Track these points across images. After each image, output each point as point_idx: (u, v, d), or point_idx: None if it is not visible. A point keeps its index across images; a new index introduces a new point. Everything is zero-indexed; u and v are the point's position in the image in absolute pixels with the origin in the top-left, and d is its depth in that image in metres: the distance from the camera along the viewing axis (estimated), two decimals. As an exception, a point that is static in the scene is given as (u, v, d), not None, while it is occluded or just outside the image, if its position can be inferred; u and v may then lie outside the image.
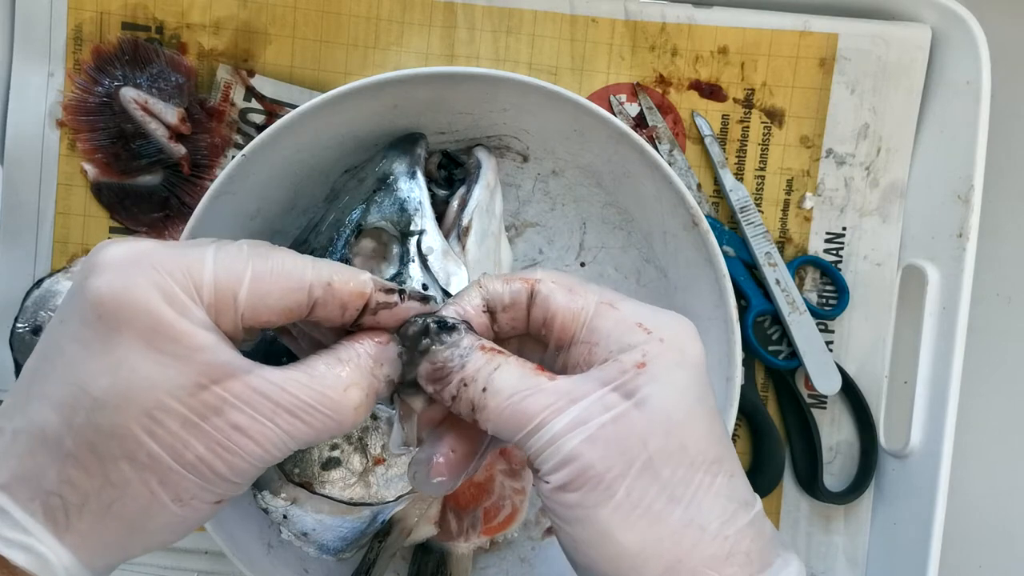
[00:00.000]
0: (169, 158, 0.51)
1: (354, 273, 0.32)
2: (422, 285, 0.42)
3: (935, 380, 0.51)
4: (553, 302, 0.33)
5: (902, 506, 0.52)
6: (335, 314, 0.32)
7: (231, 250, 0.31)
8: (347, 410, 0.31)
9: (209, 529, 0.45)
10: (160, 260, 0.30)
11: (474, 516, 0.49)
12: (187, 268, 0.30)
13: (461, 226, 0.44)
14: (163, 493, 0.30)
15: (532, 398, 0.31)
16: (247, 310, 0.31)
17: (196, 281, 0.30)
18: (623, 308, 0.33)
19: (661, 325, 0.32)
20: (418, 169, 0.44)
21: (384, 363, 0.33)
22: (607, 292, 0.33)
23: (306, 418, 0.31)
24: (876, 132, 0.53)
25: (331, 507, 0.43)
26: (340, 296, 0.32)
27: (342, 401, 0.31)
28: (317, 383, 0.31)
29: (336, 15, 0.51)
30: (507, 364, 0.32)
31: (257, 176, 0.45)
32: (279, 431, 0.30)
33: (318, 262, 0.32)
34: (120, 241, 0.31)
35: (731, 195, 0.52)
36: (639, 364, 0.31)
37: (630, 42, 0.52)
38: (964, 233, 0.50)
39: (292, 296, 0.31)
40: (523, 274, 0.34)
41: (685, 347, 0.32)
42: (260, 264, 0.31)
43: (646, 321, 0.32)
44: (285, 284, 0.31)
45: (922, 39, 0.52)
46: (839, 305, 0.53)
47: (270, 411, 0.30)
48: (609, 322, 0.32)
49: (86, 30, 0.51)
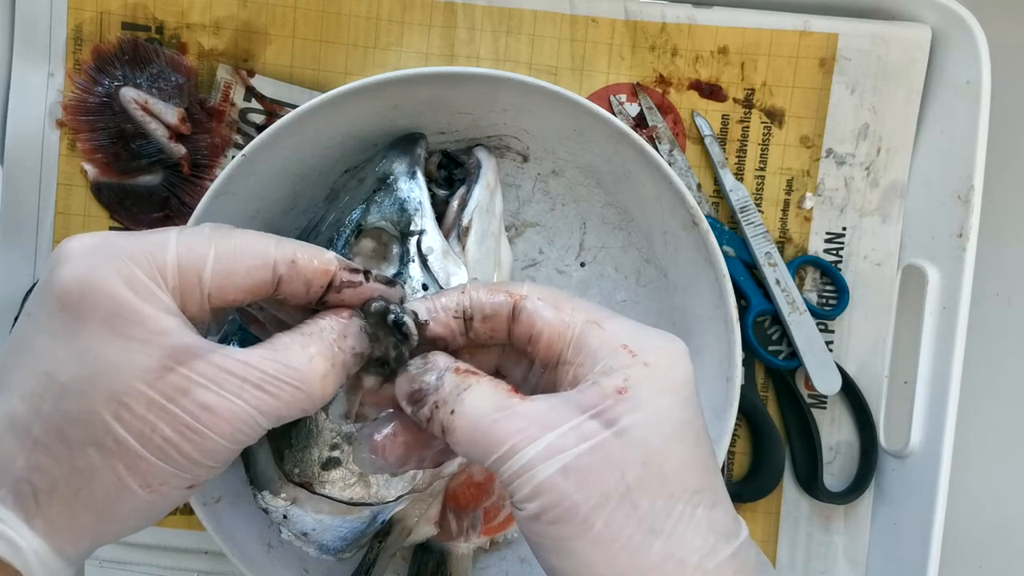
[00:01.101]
0: (169, 158, 0.51)
1: (318, 251, 0.33)
2: (422, 285, 0.42)
3: (935, 380, 0.51)
4: (539, 319, 0.32)
5: (902, 506, 0.52)
6: (300, 291, 0.32)
7: (193, 232, 0.31)
8: (313, 379, 0.31)
9: (209, 529, 0.45)
10: (122, 247, 0.30)
11: (474, 516, 0.49)
12: (150, 253, 0.30)
13: (461, 226, 0.44)
14: (130, 479, 0.30)
15: (503, 422, 0.30)
16: (213, 289, 0.31)
17: (159, 265, 0.30)
18: (609, 327, 0.32)
19: (648, 347, 0.31)
20: (418, 169, 0.44)
21: (348, 336, 0.33)
22: (596, 310, 0.33)
23: (273, 391, 0.30)
24: (876, 132, 0.53)
25: (331, 507, 0.43)
26: (304, 273, 0.32)
27: (307, 371, 0.31)
28: (281, 356, 0.31)
29: (336, 15, 0.51)
30: (478, 386, 0.31)
31: (257, 176, 0.45)
32: (247, 407, 0.30)
33: (282, 240, 0.32)
34: (85, 234, 0.31)
35: (731, 195, 0.52)
36: (620, 390, 0.30)
37: (630, 42, 0.52)
38: (964, 233, 0.50)
39: (257, 273, 0.31)
40: (511, 287, 0.33)
41: (672, 370, 0.31)
42: (223, 244, 0.31)
43: (632, 342, 0.31)
44: (250, 262, 0.31)
45: (922, 39, 0.52)
46: (839, 305, 0.53)
47: (236, 387, 0.30)
48: (595, 341, 0.31)
49: (86, 30, 0.51)
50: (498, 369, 0.36)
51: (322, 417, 0.41)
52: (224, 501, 0.46)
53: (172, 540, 0.53)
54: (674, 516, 0.29)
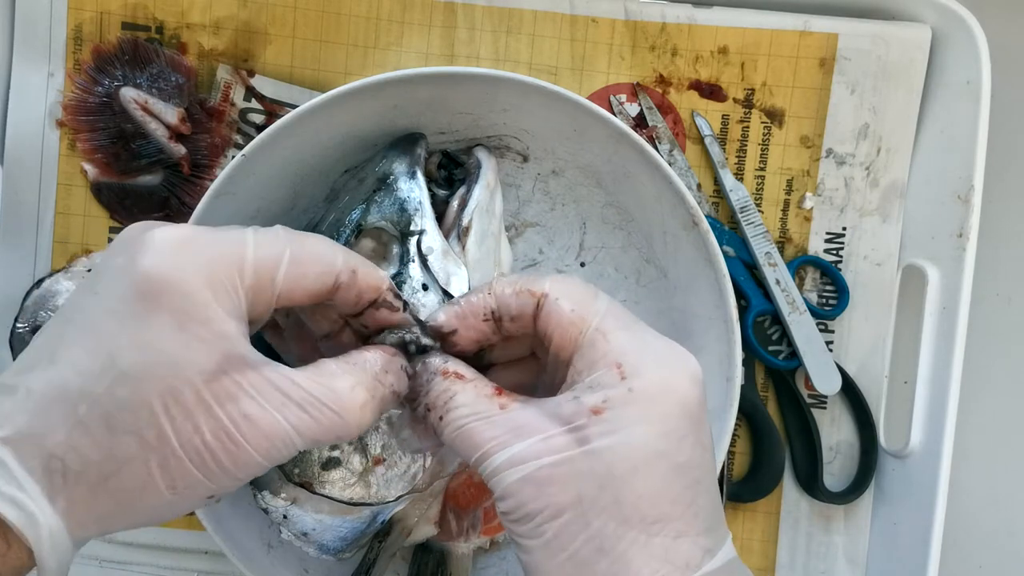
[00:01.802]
0: (169, 158, 0.51)
1: (374, 268, 0.35)
2: (422, 285, 0.42)
3: (935, 380, 0.51)
4: (553, 321, 0.33)
5: (902, 506, 0.52)
6: (350, 301, 0.34)
7: (269, 235, 0.32)
8: (353, 408, 0.32)
9: (209, 529, 0.45)
10: (206, 245, 0.31)
11: (474, 516, 0.49)
12: (231, 252, 0.31)
13: (461, 226, 0.44)
14: (160, 477, 0.30)
15: (478, 428, 0.32)
16: (284, 291, 0.32)
17: (239, 264, 0.31)
18: (613, 341, 0.32)
19: (643, 368, 0.31)
20: (418, 169, 0.44)
21: (390, 372, 0.34)
22: (611, 316, 0.33)
23: (314, 413, 0.31)
24: (876, 132, 0.53)
25: (331, 507, 0.43)
26: (360, 285, 0.34)
27: (348, 399, 0.32)
28: (327, 380, 0.32)
29: (336, 15, 0.51)
30: (463, 391, 0.33)
31: (257, 176, 0.45)
32: (286, 424, 0.31)
33: (346, 250, 0.34)
34: (165, 225, 0.32)
35: (731, 195, 0.52)
36: (596, 410, 0.31)
37: (630, 42, 0.52)
38: (964, 233, 0.50)
39: (324, 279, 0.33)
40: (536, 283, 0.34)
41: (660, 399, 0.31)
42: (297, 247, 0.32)
43: (629, 361, 0.31)
44: (320, 268, 0.33)
45: (922, 39, 0.52)
46: (839, 305, 0.53)
47: (280, 402, 0.31)
48: (595, 353, 0.32)
49: (86, 30, 0.51)
50: (533, 351, 0.37)
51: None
52: (224, 501, 0.46)
53: (172, 540, 0.53)
54: (626, 540, 0.30)
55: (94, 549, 0.53)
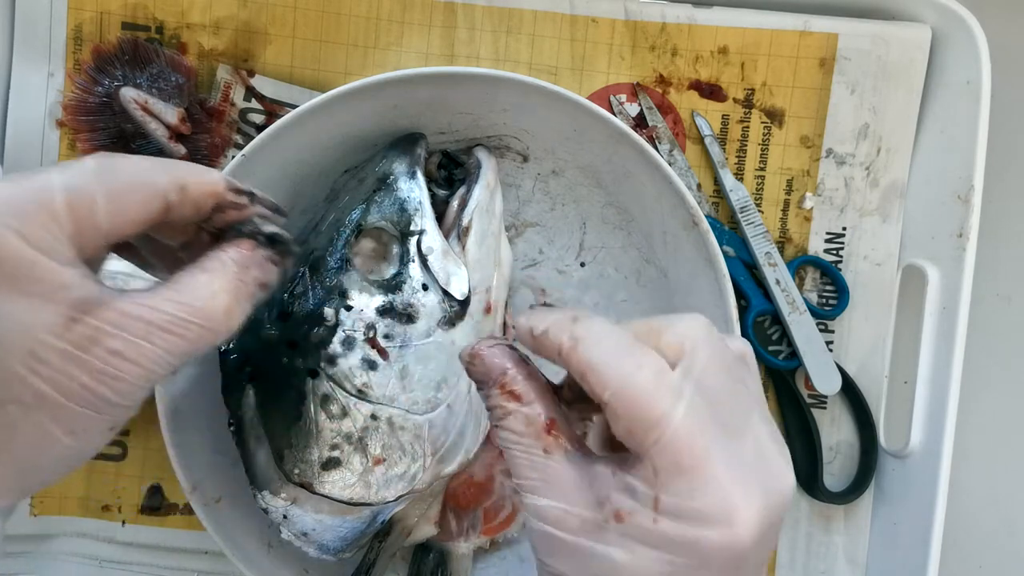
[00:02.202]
0: (169, 158, 0.51)
1: (205, 172, 0.33)
2: (422, 285, 0.42)
3: (935, 380, 0.51)
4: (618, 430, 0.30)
5: (902, 506, 0.52)
6: (189, 215, 0.33)
7: (77, 172, 0.31)
8: (217, 316, 0.32)
9: (209, 529, 0.45)
10: (9, 201, 0.30)
11: (474, 516, 0.49)
12: (37, 202, 0.30)
13: (461, 226, 0.44)
14: (55, 428, 0.30)
15: (519, 459, 0.31)
16: (109, 229, 0.31)
17: (52, 213, 0.30)
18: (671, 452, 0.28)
19: (681, 506, 0.28)
20: (418, 169, 0.44)
21: (251, 267, 0.33)
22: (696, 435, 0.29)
23: (179, 331, 0.31)
24: (876, 132, 0.53)
25: (331, 507, 0.43)
26: (193, 197, 0.33)
27: (211, 308, 0.32)
28: (186, 295, 0.32)
29: (336, 15, 0.51)
30: (513, 417, 0.32)
31: (257, 176, 0.45)
32: (156, 348, 0.31)
33: (167, 164, 0.33)
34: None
35: (731, 195, 0.52)
36: (618, 515, 0.29)
37: (630, 42, 0.52)
38: (964, 233, 0.50)
39: (150, 204, 0.32)
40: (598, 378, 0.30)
41: (685, 545, 0.28)
42: (110, 179, 0.31)
43: (672, 486, 0.28)
44: (142, 195, 0.32)
45: (922, 39, 0.52)
46: (839, 305, 0.53)
47: (143, 331, 0.30)
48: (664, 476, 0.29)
49: (86, 30, 0.51)
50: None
51: (322, 417, 0.41)
52: (224, 501, 0.46)
53: (172, 540, 0.53)
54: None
55: (94, 549, 0.53)
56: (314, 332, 0.41)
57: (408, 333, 0.42)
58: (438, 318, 0.42)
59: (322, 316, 0.41)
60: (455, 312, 0.43)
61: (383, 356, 0.41)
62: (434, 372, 0.42)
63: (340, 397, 0.41)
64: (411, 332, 0.42)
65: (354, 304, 0.41)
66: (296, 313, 0.41)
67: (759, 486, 0.29)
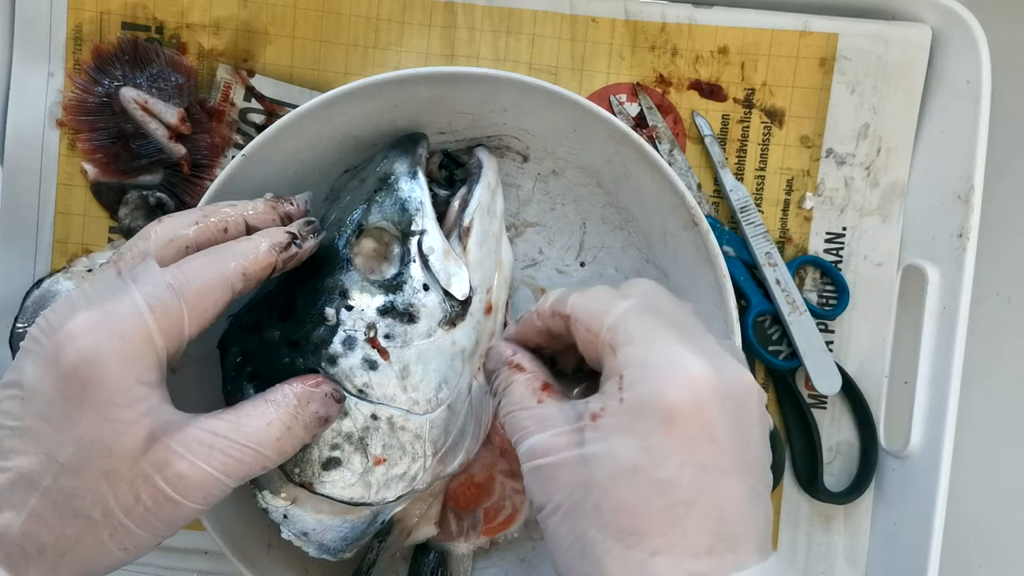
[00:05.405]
0: (169, 158, 0.51)
1: (255, 250, 0.37)
2: (423, 285, 0.42)
3: (935, 380, 0.51)
4: (579, 340, 0.35)
5: (902, 506, 0.52)
6: (253, 288, 0.38)
7: (153, 287, 0.34)
8: (270, 442, 0.36)
9: (209, 529, 0.45)
10: (108, 324, 0.33)
11: (474, 516, 0.49)
12: (134, 328, 0.34)
13: (462, 226, 0.44)
14: (112, 544, 0.34)
15: (518, 416, 0.35)
16: (191, 334, 0.35)
17: (145, 337, 0.34)
18: (620, 355, 0.33)
19: (635, 381, 0.32)
20: (419, 169, 0.44)
21: (312, 402, 0.38)
22: (621, 329, 0.33)
23: (235, 455, 0.35)
24: (876, 132, 0.53)
25: (331, 507, 0.42)
26: (255, 275, 0.37)
27: (265, 435, 0.36)
28: (244, 422, 0.36)
29: (336, 15, 0.51)
30: (517, 383, 0.36)
31: (257, 176, 0.45)
32: (215, 472, 0.34)
33: (227, 253, 0.36)
34: (81, 313, 0.34)
35: (731, 195, 0.52)
36: (593, 415, 0.32)
37: (630, 42, 0.52)
38: (964, 233, 0.50)
39: (222, 300, 0.36)
40: (562, 302, 0.36)
41: (646, 411, 0.31)
42: (187, 289, 0.35)
43: (628, 373, 0.32)
44: (216, 296, 0.36)
45: (922, 39, 0.52)
46: (839, 305, 0.53)
47: (206, 454, 0.34)
48: (608, 366, 0.33)
49: (86, 30, 0.51)
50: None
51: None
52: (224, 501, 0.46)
53: (172, 540, 0.52)
54: (602, 547, 0.31)
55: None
56: (315, 332, 0.41)
57: (409, 333, 0.42)
58: (439, 318, 0.42)
59: (323, 316, 0.41)
60: (456, 312, 0.43)
61: (384, 356, 0.41)
62: (435, 372, 0.42)
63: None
64: (412, 332, 0.42)
65: (355, 304, 0.41)
66: (297, 313, 0.41)
67: (707, 356, 0.32)
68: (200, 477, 0.34)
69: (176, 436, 0.34)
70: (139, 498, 0.33)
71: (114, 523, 0.34)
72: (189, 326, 0.35)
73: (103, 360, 0.33)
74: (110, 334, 0.33)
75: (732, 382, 0.32)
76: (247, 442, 0.35)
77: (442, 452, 0.43)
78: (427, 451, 0.43)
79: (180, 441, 0.34)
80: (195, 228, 0.38)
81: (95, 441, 0.33)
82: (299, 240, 0.39)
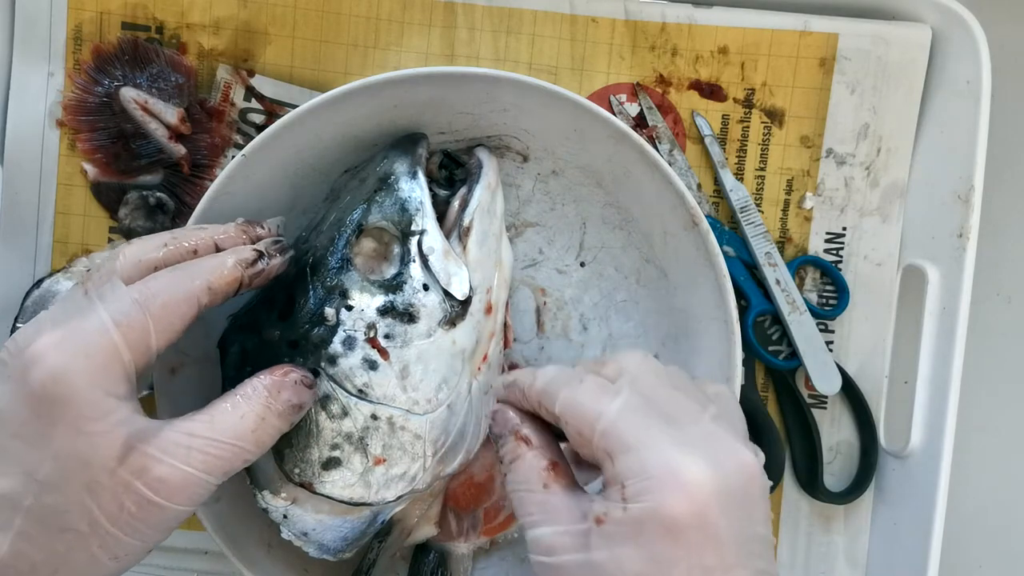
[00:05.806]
0: (169, 158, 0.51)
1: (220, 265, 0.38)
2: (423, 285, 0.42)
3: (935, 380, 0.51)
4: (573, 443, 0.35)
5: (902, 506, 0.52)
6: (220, 302, 0.38)
7: (119, 304, 0.35)
8: (246, 435, 0.36)
9: (209, 529, 0.45)
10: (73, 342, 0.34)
11: (474, 516, 0.49)
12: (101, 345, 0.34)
13: (462, 226, 0.44)
14: (103, 555, 0.34)
15: (524, 499, 0.35)
16: (160, 346, 0.36)
17: (112, 353, 0.34)
18: (618, 464, 0.32)
19: (642, 491, 0.31)
20: (419, 169, 0.44)
21: (283, 390, 0.38)
22: (614, 436, 0.33)
23: (214, 452, 0.35)
24: (876, 132, 0.53)
25: (331, 507, 0.42)
26: (220, 290, 0.37)
27: (240, 428, 0.36)
28: (218, 419, 0.36)
29: (336, 15, 0.51)
30: (522, 460, 0.36)
31: (257, 176, 0.45)
32: (196, 472, 0.35)
33: (191, 269, 0.37)
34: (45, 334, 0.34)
35: (731, 195, 0.52)
36: (598, 519, 0.32)
37: (630, 42, 0.52)
38: (964, 233, 0.50)
39: (188, 314, 0.36)
40: (551, 397, 0.35)
41: (649, 521, 0.31)
42: (153, 305, 0.35)
43: (632, 484, 0.31)
44: (181, 310, 0.36)
45: (922, 39, 0.52)
46: (839, 305, 0.53)
47: (184, 455, 0.35)
48: (615, 468, 0.32)
49: (86, 30, 0.51)
50: None
51: (323, 417, 0.41)
52: (224, 501, 0.46)
53: (172, 540, 0.52)
54: None
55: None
56: (315, 332, 0.41)
57: (409, 333, 0.42)
58: (439, 318, 0.42)
59: (323, 316, 0.41)
60: (456, 312, 0.43)
61: (384, 356, 0.41)
62: (435, 372, 0.42)
63: (340, 397, 0.41)
64: (412, 332, 0.42)
65: (355, 304, 0.41)
66: (297, 312, 0.41)
67: (704, 454, 0.31)
68: (181, 478, 0.34)
69: (152, 441, 0.34)
70: (123, 506, 0.34)
71: (101, 533, 0.34)
72: (156, 340, 0.35)
73: (71, 376, 0.33)
74: (76, 350, 0.34)
75: (732, 476, 0.32)
76: (223, 438, 0.36)
77: (442, 452, 0.43)
78: (427, 451, 0.43)
79: (157, 446, 0.34)
80: (164, 250, 0.38)
81: (71, 456, 0.33)
82: (266, 257, 0.39)
